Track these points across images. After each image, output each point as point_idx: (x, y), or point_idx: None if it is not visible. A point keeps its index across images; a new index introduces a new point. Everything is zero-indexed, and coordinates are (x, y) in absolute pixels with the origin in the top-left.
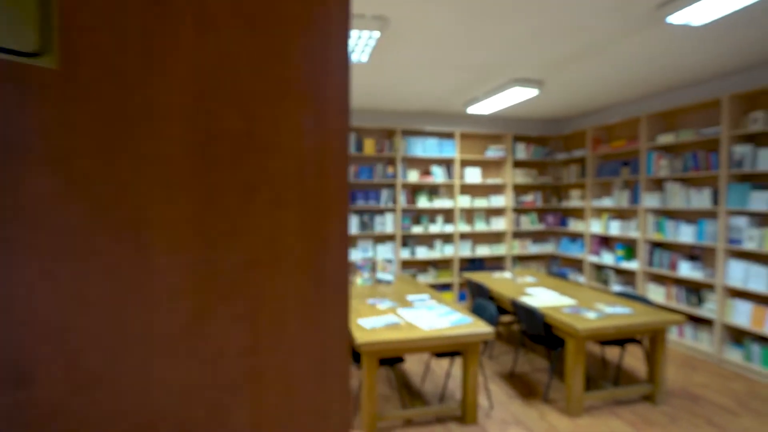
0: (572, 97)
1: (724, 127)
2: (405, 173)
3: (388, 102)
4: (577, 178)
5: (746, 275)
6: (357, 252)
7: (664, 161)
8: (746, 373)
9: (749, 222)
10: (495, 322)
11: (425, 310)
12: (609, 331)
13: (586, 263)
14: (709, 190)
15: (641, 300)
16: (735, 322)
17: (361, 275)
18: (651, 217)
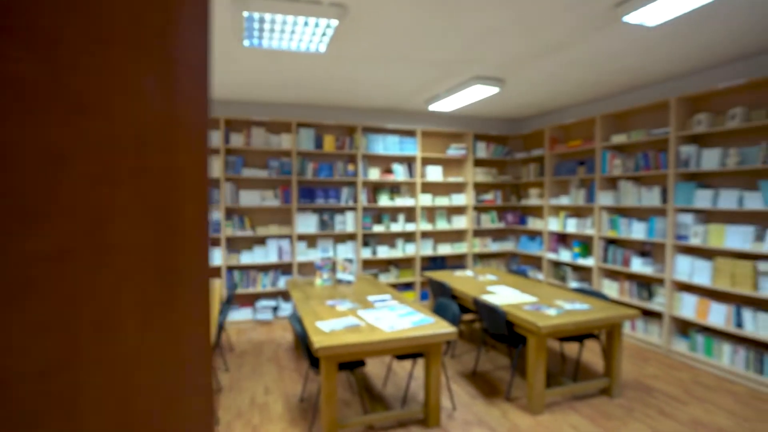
0: (531, 97)
1: (672, 128)
2: (366, 171)
3: (348, 98)
4: (536, 177)
5: (692, 269)
6: (317, 252)
7: (617, 161)
8: (691, 363)
9: (694, 219)
10: (457, 321)
11: (386, 311)
12: (569, 328)
13: (545, 260)
14: (659, 188)
15: (598, 295)
16: (682, 314)
17: (320, 276)
18: (605, 215)
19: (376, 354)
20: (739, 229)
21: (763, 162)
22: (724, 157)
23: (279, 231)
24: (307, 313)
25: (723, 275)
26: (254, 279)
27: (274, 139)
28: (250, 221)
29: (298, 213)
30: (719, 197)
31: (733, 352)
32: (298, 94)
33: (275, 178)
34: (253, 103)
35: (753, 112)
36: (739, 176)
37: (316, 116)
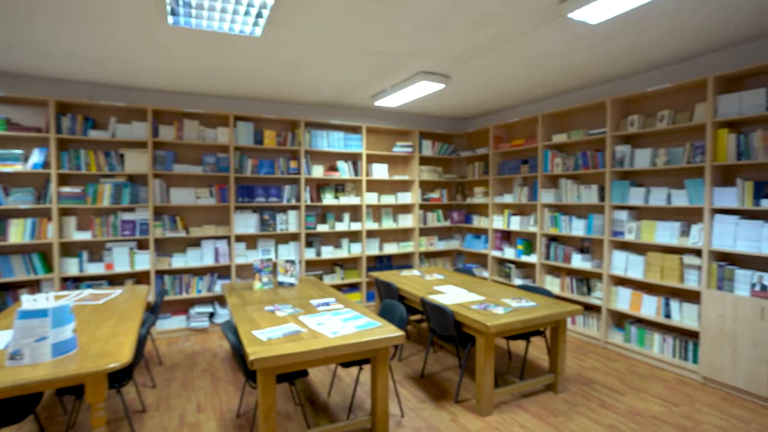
0: (477, 95)
1: (608, 128)
2: (309, 168)
3: (290, 91)
4: (481, 176)
5: (626, 264)
6: (257, 254)
7: (558, 159)
8: (627, 353)
9: (629, 216)
10: (405, 324)
11: (330, 315)
12: (517, 326)
13: (490, 258)
14: (597, 186)
15: (543, 292)
16: (617, 307)
17: (259, 279)
18: (547, 213)
19: (319, 364)
20: (667, 225)
21: (687, 162)
22: (654, 156)
23: (215, 232)
24: (242, 321)
25: (654, 269)
26: (188, 284)
27: (209, 133)
28: (183, 221)
29: (236, 212)
30: (650, 195)
31: (662, 341)
32: (235, 84)
33: (211, 175)
34: (185, 93)
35: (678, 115)
36: (668, 175)
37: (255, 109)
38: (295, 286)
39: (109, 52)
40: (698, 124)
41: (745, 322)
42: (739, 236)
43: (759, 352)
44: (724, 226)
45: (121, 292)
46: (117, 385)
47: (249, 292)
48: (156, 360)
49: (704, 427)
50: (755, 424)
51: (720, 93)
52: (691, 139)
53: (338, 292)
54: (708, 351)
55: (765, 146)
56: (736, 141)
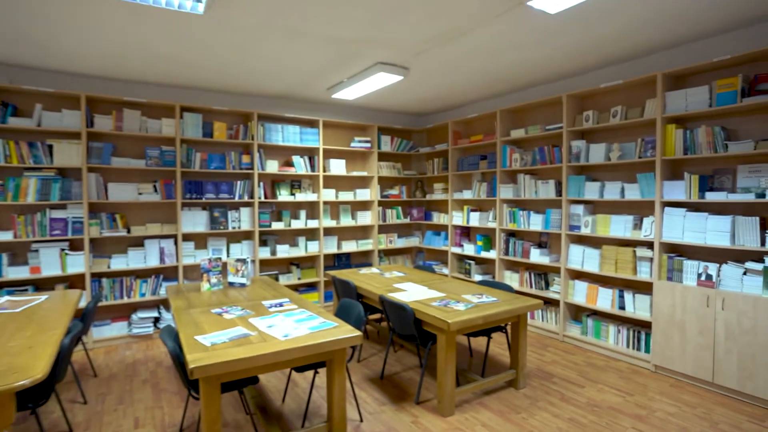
0: (436, 89)
1: (564, 123)
2: (263, 163)
3: (241, 81)
4: (440, 172)
5: (583, 258)
6: (207, 254)
7: (516, 155)
8: (583, 346)
9: (585, 210)
10: (362, 323)
11: (283, 317)
12: (478, 322)
13: (450, 255)
14: (554, 181)
15: (504, 287)
16: (575, 300)
17: (207, 280)
18: (506, 208)
19: (269, 370)
20: (621, 219)
21: (639, 156)
22: (608, 151)
23: (160, 230)
24: (185, 325)
25: (608, 262)
26: (130, 287)
27: (152, 125)
28: (123, 220)
29: (183, 209)
30: (605, 189)
31: (617, 333)
32: (180, 71)
33: (155, 169)
34: (125, 80)
35: (630, 111)
36: (621, 169)
37: (204, 100)
38: (247, 287)
39: (33, 29)
40: (649, 119)
41: (692, 311)
42: (687, 228)
43: (704, 339)
44: (673, 218)
45: (47, 297)
46: (32, 405)
47: (196, 294)
48: (90, 372)
49: (657, 414)
50: (701, 408)
51: (668, 90)
52: (643, 134)
53: (293, 292)
54: (659, 340)
55: (708, 141)
56: (683, 136)
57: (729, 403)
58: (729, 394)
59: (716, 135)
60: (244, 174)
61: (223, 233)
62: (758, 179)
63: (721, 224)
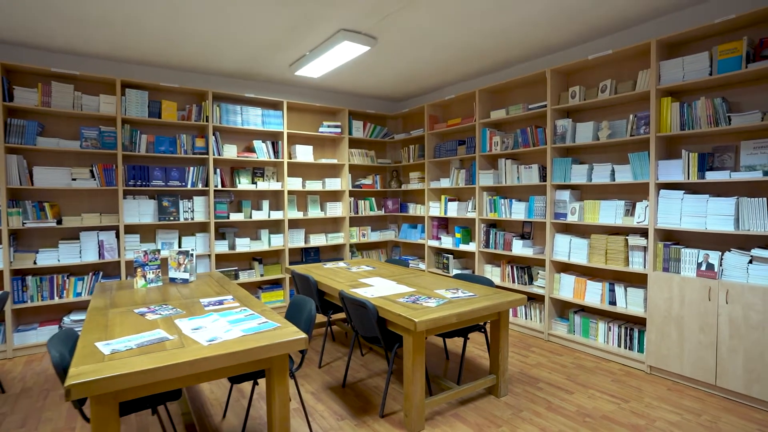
0: (409, 68)
1: (548, 101)
2: (220, 148)
3: (191, 53)
4: (416, 159)
5: (569, 249)
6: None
7: (497, 138)
8: (570, 345)
9: (571, 196)
10: (312, 324)
11: (217, 316)
12: (451, 320)
13: (427, 248)
14: (537, 166)
15: (483, 281)
16: (561, 296)
17: (143, 276)
18: (486, 196)
19: (186, 383)
20: (611, 204)
21: (630, 134)
22: (596, 130)
23: (99, 221)
24: (91, 329)
25: (598, 252)
26: (62, 286)
27: (89, 101)
28: (54, 209)
29: (126, 198)
30: (593, 172)
31: (607, 330)
32: (116, 39)
33: (92, 152)
34: (53, 49)
35: (620, 85)
36: (611, 149)
37: (150, 76)
38: (190, 283)
39: None
40: (641, 92)
41: (692, 305)
42: (685, 212)
43: (706, 336)
44: (670, 202)
45: None
46: None
47: (127, 292)
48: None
49: (657, 425)
50: (707, 415)
51: (663, 59)
52: (635, 109)
53: (240, 289)
54: (654, 338)
55: (708, 115)
56: (680, 110)
57: (734, 408)
58: (734, 399)
59: (717, 107)
60: (198, 159)
61: (174, 225)
62: (765, 155)
63: (723, 207)
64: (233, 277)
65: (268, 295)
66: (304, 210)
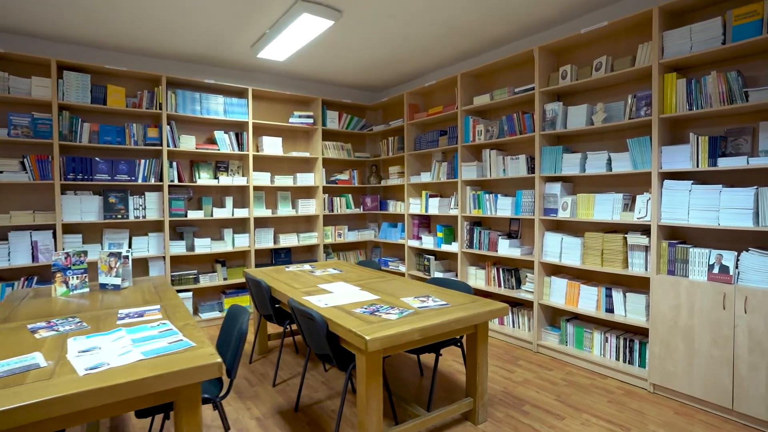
0: (383, 48)
1: (537, 83)
2: (176, 139)
3: (144, 34)
4: (395, 152)
5: (561, 249)
6: (97, 248)
7: (480, 126)
8: (562, 358)
9: (562, 189)
10: (239, 344)
11: (124, 333)
12: (412, 337)
13: (407, 249)
14: (525, 156)
15: (460, 287)
16: (551, 302)
17: (64, 281)
18: (470, 191)
19: (52, 427)
20: (608, 198)
21: (629, 117)
22: (590, 114)
23: (32, 219)
24: None
25: (592, 253)
26: None
27: (18, 84)
28: None
29: (67, 193)
30: (587, 161)
31: (603, 342)
32: (54, 18)
33: (23, 141)
34: None
35: (617, 61)
36: (607, 136)
37: (93, 58)
38: (123, 290)
39: None
40: (641, 68)
41: (703, 313)
42: (694, 206)
43: (720, 351)
44: (676, 194)
45: None
46: None
47: (40, 301)
48: None
49: None
50: None
51: (666, 29)
52: (634, 89)
53: (176, 298)
54: (658, 352)
55: (721, 92)
56: (686, 87)
57: None
58: (755, 426)
59: (732, 82)
60: (151, 151)
61: (123, 223)
62: None
63: (739, 199)
64: (192, 282)
65: (233, 300)
66: (273, 207)
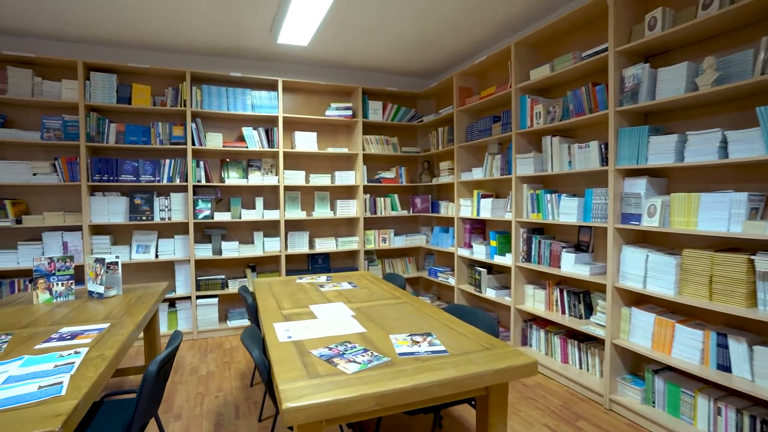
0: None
1: (611, 40)
2: (201, 137)
3: (161, 29)
4: (445, 145)
5: (645, 270)
6: (126, 250)
7: (539, 107)
8: (646, 425)
9: (649, 186)
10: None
11: (16, 367)
12: (365, 407)
13: (456, 259)
14: (597, 143)
15: (481, 320)
16: (631, 342)
17: (46, 288)
18: (527, 190)
19: None
20: (721, 199)
21: (762, 71)
22: (693, 74)
23: (63, 220)
24: None
25: (696, 280)
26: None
27: (50, 88)
28: (18, 207)
29: (96, 195)
30: (688, 145)
31: (714, 414)
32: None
33: (55, 144)
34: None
35: None
36: (721, 106)
37: (117, 57)
38: (107, 299)
39: None
40: None
41: None
42: None
43: None
44: None
45: None
46: None
47: (13, 310)
48: None
49: None
50: None
51: None
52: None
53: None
54: None
55: None
56: None
57: None
58: None
59: None
60: (177, 151)
61: (151, 225)
62: None
63: None
64: (220, 287)
65: None
66: (309, 209)
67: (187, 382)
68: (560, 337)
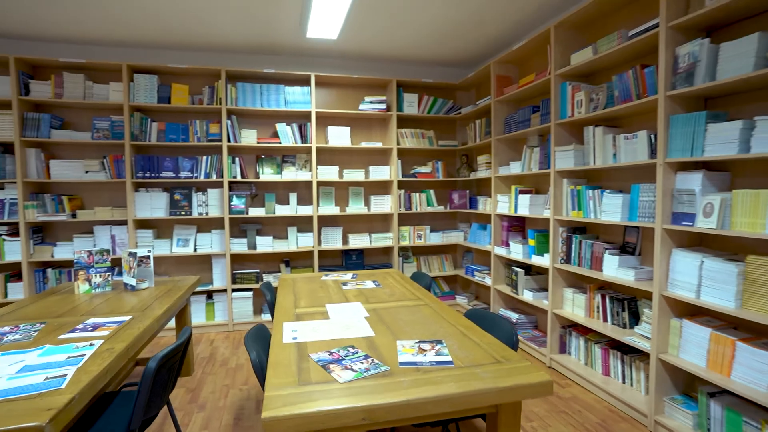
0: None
1: (663, 15)
2: (236, 134)
3: (200, 27)
4: (482, 138)
5: (699, 278)
6: (166, 244)
7: (581, 94)
8: None
9: (706, 181)
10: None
11: (35, 356)
12: (352, 420)
13: (493, 258)
14: (645, 133)
15: (501, 328)
16: (681, 359)
17: (86, 279)
18: (566, 186)
19: None
20: None
21: None
22: (764, 48)
23: (110, 215)
24: None
25: (763, 291)
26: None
27: (99, 90)
28: (73, 202)
29: (139, 191)
30: (755, 134)
31: None
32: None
33: (104, 143)
34: (60, 39)
35: None
36: None
37: (157, 58)
38: (141, 291)
39: None
40: None
41: None
42: None
43: None
44: None
45: None
46: None
47: (56, 299)
48: None
49: None
50: None
51: None
52: None
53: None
54: None
55: None
56: None
57: None
58: None
59: None
60: (213, 147)
61: (190, 220)
62: None
63: None
64: (254, 281)
65: None
66: (343, 204)
67: (216, 373)
68: (602, 347)
